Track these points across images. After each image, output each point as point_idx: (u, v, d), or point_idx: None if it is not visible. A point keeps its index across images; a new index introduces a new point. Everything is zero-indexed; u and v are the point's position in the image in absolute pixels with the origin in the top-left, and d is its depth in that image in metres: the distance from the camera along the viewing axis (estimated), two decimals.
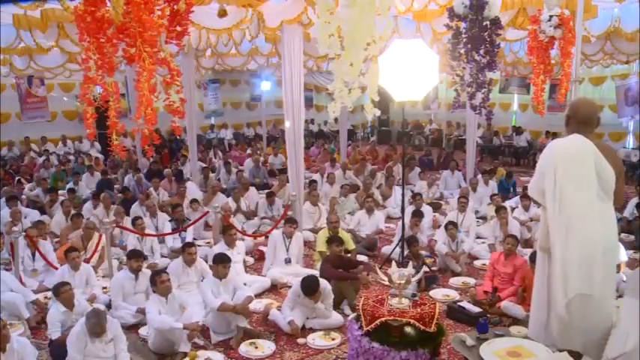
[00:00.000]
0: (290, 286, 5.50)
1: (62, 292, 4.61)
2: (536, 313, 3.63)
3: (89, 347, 4.11)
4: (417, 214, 7.32)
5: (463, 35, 5.81)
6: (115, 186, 11.08)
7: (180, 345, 4.59)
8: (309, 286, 4.99)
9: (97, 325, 4.10)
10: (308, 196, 8.47)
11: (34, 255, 6.37)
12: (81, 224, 7.13)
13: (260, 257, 7.07)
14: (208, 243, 7.60)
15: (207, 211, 7.84)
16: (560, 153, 3.48)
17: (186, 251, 5.73)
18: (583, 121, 3.55)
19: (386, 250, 7.06)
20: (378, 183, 10.60)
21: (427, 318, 3.72)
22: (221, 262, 5.12)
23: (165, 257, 6.97)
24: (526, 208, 8.04)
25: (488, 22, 5.72)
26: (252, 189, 9.84)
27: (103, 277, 6.31)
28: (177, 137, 14.51)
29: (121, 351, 4.24)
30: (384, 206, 9.66)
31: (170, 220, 7.69)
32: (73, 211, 8.04)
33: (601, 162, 3.47)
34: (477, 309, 5.23)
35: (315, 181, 9.75)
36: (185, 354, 4.57)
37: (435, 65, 5.16)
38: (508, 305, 5.19)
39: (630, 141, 14.39)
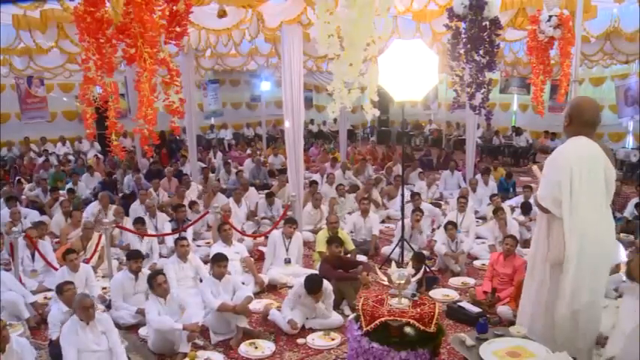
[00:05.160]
0: (290, 286, 5.49)
1: (65, 290, 4.61)
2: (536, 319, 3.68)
3: (81, 337, 4.07)
4: (419, 210, 7.30)
5: (463, 35, 5.83)
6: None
7: (180, 345, 4.59)
8: (313, 285, 5.00)
9: (83, 300, 4.10)
10: (309, 197, 8.46)
11: (33, 255, 6.36)
12: (79, 218, 7.17)
13: (260, 257, 7.07)
14: (208, 243, 7.60)
15: (207, 212, 7.84)
16: (575, 160, 3.39)
17: (178, 244, 5.78)
18: (588, 122, 3.50)
19: (386, 250, 7.06)
20: (380, 187, 10.57)
21: (427, 318, 3.71)
22: (216, 261, 5.13)
23: (165, 257, 6.97)
24: None
25: (487, 23, 5.73)
26: (252, 189, 9.83)
27: (103, 277, 6.31)
28: (177, 137, 14.50)
29: (115, 344, 4.22)
30: (387, 207, 9.63)
31: (170, 221, 7.69)
32: None
33: (608, 165, 3.45)
34: (476, 309, 5.22)
35: (315, 182, 9.69)
36: (185, 354, 4.56)
37: (434, 65, 5.17)
38: (504, 310, 5.19)
39: (630, 141, 14.38)
